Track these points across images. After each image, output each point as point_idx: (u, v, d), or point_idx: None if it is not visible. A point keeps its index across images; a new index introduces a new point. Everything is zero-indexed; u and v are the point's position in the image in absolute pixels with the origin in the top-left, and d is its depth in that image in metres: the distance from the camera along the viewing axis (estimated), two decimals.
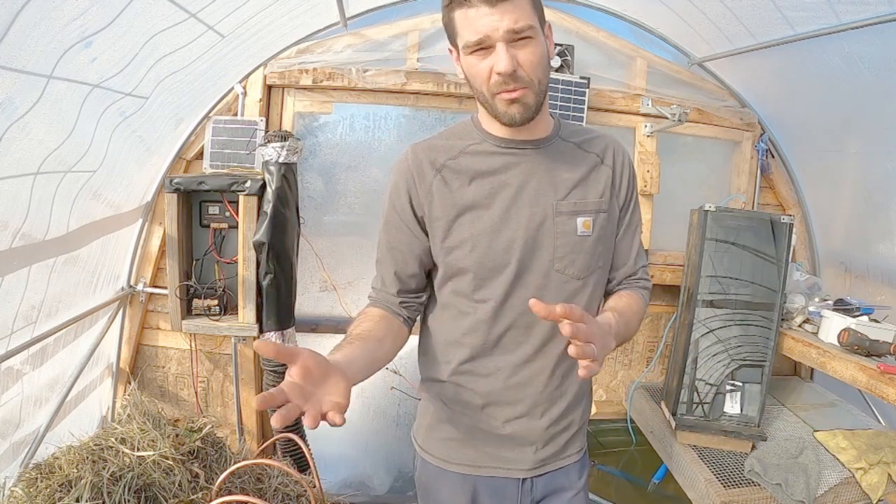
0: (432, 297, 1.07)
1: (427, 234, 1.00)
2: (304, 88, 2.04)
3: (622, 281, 1.07)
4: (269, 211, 1.83)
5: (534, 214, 0.95)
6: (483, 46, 0.84)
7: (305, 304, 2.18)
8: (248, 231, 1.86)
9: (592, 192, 0.98)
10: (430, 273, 1.06)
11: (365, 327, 0.94)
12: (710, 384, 1.72)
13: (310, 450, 1.31)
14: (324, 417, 0.66)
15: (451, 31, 0.89)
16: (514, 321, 0.98)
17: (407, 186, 0.98)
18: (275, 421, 0.62)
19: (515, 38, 0.83)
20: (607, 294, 1.08)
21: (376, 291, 1.05)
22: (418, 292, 1.05)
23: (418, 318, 1.09)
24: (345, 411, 0.69)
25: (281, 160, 1.83)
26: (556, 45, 2.06)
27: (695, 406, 1.73)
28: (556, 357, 1.00)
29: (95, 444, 1.22)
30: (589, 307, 1.00)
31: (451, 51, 0.93)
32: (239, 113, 1.98)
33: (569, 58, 2.07)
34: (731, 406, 1.72)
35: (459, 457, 1.06)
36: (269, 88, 2.02)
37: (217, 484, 1.06)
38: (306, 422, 0.65)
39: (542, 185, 0.96)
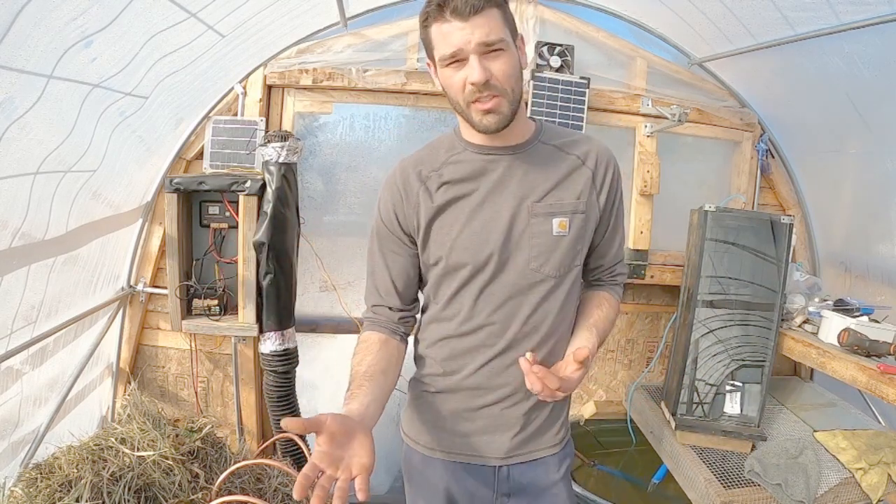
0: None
1: (416, 244, 1.05)
2: (304, 88, 2.04)
3: (602, 277, 1.15)
4: (269, 211, 1.83)
5: (510, 216, 0.99)
6: (457, 59, 0.89)
7: (305, 304, 2.18)
8: (248, 231, 1.86)
9: (570, 193, 1.01)
10: (420, 285, 1.11)
11: (368, 362, 0.99)
12: (710, 384, 1.72)
13: (310, 450, 1.31)
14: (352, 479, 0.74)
15: (428, 46, 0.94)
16: (491, 317, 1.02)
17: (393, 202, 1.03)
18: (302, 493, 0.67)
19: (488, 50, 0.87)
20: (587, 285, 1.17)
21: (374, 310, 1.09)
22: (413, 303, 1.11)
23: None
24: (370, 473, 0.76)
25: (281, 160, 1.83)
26: (555, 45, 2.06)
27: (695, 406, 1.73)
28: (530, 349, 1.03)
29: (95, 444, 1.22)
30: (564, 304, 1.04)
31: (428, 64, 0.98)
32: (239, 113, 1.98)
33: (569, 58, 2.07)
34: (731, 406, 1.72)
35: (436, 443, 1.11)
36: (269, 88, 2.02)
37: (217, 484, 1.06)
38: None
39: (519, 188, 1.00)
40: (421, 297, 1.13)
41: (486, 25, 0.86)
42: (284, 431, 1.84)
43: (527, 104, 2.01)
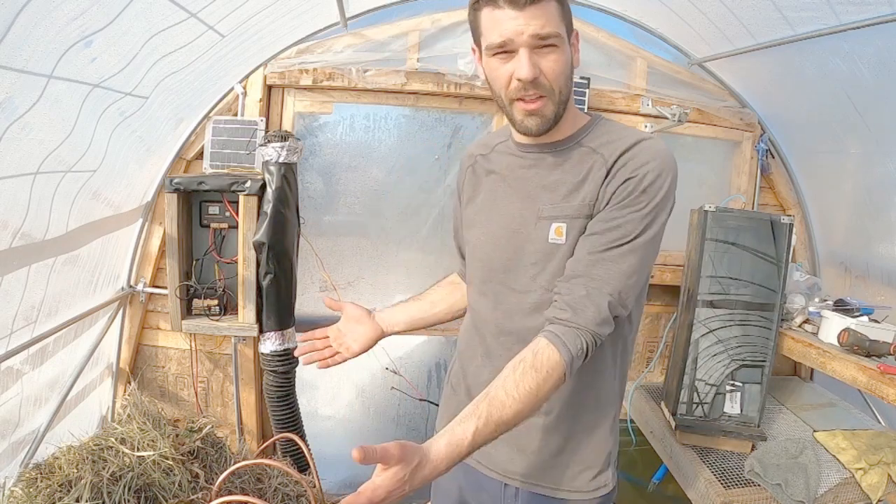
0: None
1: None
2: (304, 88, 2.04)
3: (556, 298, 0.86)
4: (269, 211, 1.83)
5: (521, 217, 0.94)
6: (506, 50, 0.82)
7: (305, 304, 2.18)
8: (248, 231, 1.86)
9: (578, 195, 0.89)
10: None
11: (429, 291, 1.19)
12: (710, 384, 1.72)
13: (310, 450, 1.31)
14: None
15: (475, 31, 0.87)
16: (491, 315, 1.00)
17: (459, 173, 1.14)
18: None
19: (540, 44, 0.81)
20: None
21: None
22: None
23: None
24: (350, 354, 1.08)
25: (281, 160, 1.83)
26: None
27: (695, 406, 1.73)
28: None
29: (95, 444, 1.22)
30: None
31: (473, 50, 0.92)
32: (239, 113, 1.98)
33: None
34: (731, 406, 1.71)
35: None
36: (269, 88, 2.02)
37: (217, 484, 1.06)
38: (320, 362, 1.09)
39: (537, 190, 0.93)
40: None
41: (543, 17, 0.79)
42: (284, 431, 1.84)
43: None
